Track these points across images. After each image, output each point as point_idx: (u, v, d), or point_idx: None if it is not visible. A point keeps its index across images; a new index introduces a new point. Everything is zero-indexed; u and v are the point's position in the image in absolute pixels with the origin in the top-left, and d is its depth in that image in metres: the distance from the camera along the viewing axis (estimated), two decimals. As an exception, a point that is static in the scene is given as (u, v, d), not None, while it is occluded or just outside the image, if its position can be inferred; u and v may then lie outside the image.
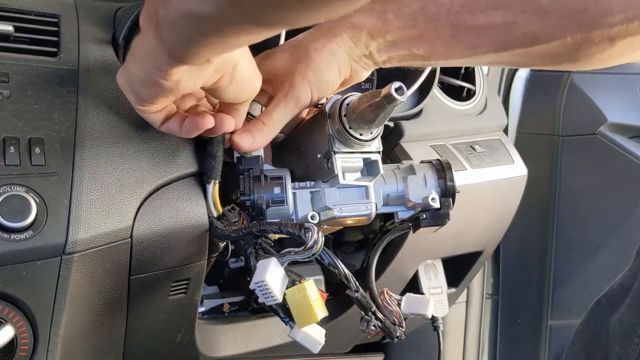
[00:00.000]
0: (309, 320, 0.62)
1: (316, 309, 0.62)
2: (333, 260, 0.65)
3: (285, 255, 0.64)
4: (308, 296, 0.62)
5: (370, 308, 0.71)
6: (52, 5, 0.76)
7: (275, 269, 0.62)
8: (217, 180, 0.71)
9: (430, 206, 0.74)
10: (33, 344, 0.63)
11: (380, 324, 0.72)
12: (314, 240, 0.62)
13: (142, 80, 0.59)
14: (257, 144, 0.70)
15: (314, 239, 0.62)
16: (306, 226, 0.63)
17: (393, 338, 0.73)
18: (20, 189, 0.60)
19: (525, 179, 1.14)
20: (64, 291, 0.63)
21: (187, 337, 0.85)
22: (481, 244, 1.16)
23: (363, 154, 0.72)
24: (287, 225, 0.64)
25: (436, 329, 1.06)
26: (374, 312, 0.71)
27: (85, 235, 0.62)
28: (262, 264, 0.62)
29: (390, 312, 0.75)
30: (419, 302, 0.76)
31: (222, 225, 0.70)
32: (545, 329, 1.56)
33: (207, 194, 0.71)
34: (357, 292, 0.69)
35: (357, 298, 0.69)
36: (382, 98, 0.62)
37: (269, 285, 0.60)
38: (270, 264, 0.62)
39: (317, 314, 0.62)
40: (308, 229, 0.63)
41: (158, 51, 0.53)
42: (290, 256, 0.63)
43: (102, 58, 0.74)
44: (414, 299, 0.76)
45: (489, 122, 1.15)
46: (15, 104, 0.65)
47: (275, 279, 0.61)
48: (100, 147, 0.66)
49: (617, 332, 0.71)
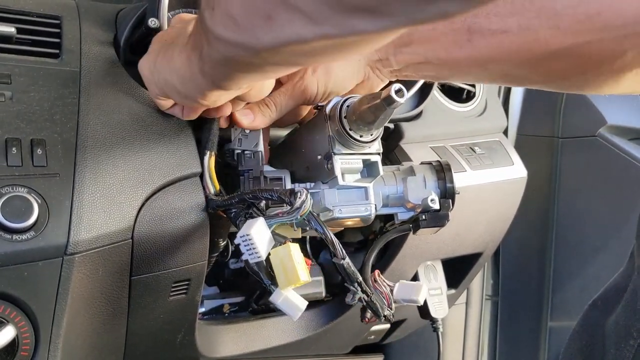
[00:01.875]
0: (292, 281, 0.62)
1: (299, 270, 0.61)
2: (320, 225, 0.64)
3: (273, 217, 0.63)
4: (292, 256, 0.61)
5: (356, 278, 0.69)
6: (54, 7, 0.76)
7: (262, 227, 0.61)
8: (213, 151, 0.72)
9: (430, 207, 0.75)
10: (34, 344, 0.63)
11: (366, 297, 0.71)
12: (301, 201, 0.61)
13: (179, 92, 0.62)
14: (256, 123, 0.72)
15: (301, 200, 0.62)
16: (296, 190, 0.63)
17: (380, 316, 0.72)
18: (22, 190, 0.60)
19: (525, 180, 1.14)
20: (65, 292, 0.63)
21: (188, 337, 0.85)
22: (481, 245, 1.16)
23: (363, 155, 0.72)
24: (278, 191, 0.64)
25: (436, 330, 1.06)
26: (360, 284, 0.70)
27: (87, 236, 0.62)
28: (249, 222, 0.62)
29: (381, 293, 0.74)
30: (411, 288, 0.75)
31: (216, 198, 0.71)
32: (545, 330, 1.56)
33: (204, 167, 0.71)
34: (344, 260, 0.67)
35: (344, 266, 0.67)
36: (382, 100, 0.63)
37: (254, 240, 0.60)
38: (258, 221, 0.61)
39: (300, 275, 0.61)
40: (297, 193, 0.62)
41: (199, 79, 0.57)
42: (278, 218, 0.63)
43: (104, 59, 0.74)
44: (407, 285, 0.76)
45: (488, 124, 1.15)
46: (17, 105, 0.65)
47: (261, 236, 0.60)
48: (101, 148, 0.67)
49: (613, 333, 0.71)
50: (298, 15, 0.38)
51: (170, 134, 0.72)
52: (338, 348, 1.21)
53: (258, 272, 0.64)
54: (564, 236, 1.52)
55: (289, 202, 0.63)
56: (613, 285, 0.75)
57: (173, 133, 0.72)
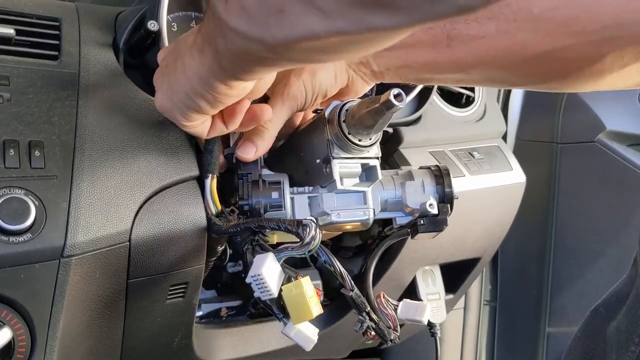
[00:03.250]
0: (305, 317, 0.62)
1: (312, 305, 0.61)
2: (329, 257, 0.65)
3: (282, 251, 0.63)
4: (304, 292, 0.61)
5: (364, 308, 0.71)
6: (53, 9, 0.76)
7: (272, 263, 0.61)
8: (215, 174, 0.71)
9: (428, 212, 0.75)
10: (30, 346, 0.63)
11: (374, 325, 0.71)
12: (311, 237, 0.62)
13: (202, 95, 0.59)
14: (260, 151, 0.71)
15: (311, 235, 0.62)
16: (304, 223, 0.63)
17: (387, 341, 0.73)
18: (20, 192, 0.60)
19: (524, 186, 1.14)
20: (62, 294, 0.63)
21: (185, 341, 0.85)
22: (479, 250, 1.16)
23: (361, 159, 0.72)
24: (285, 222, 0.64)
25: (434, 335, 1.06)
26: (368, 313, 0.71)
27: (84, 239, 0.62)
28: (259, 258, 0.62)
29: (386, 315, 0.75)
30: (415, 308, 0.76)
31: (220, 222, 0.71)
32: (543, 336, 1.55)
33: (205, 189, 0.71)
34: (352, 291, 0.68)
35: (352, 297, 0.69)
36: (381, 104, 0.62)
37: (265, 279, 0.60)
38: (268, 258, 0.61)
39: (312, 310, 0.61)
40: (306, 226, 0.63)
41: (219, 73, 0.55)
42: (287, 252, 0.63)
43: (102, 62, 0.74)
44: (411, 305, 0.76)
45: (487, 129, 1.15)
46: (15, 107, 0.65)
47: (271, 274, 0.61)
48: (99, 150, 0.67)
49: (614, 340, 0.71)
50: (311, 9, 0.38)
51: (169, 137, 0.72)
52: (336, 352, 1.21)
53: (270, 305, 0.64)
54: (563, 242, 1.52)
55: (295, 233, 0.63)
56: (615, 292, 0.75)
57: (171, 136, 0.72)
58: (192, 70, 0.58)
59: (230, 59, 0.52)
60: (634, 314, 0.69)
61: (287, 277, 0.63)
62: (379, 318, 0.73)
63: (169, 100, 0.63)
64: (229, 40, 0.48)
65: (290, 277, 0.64)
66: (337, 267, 0.66)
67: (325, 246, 0.65)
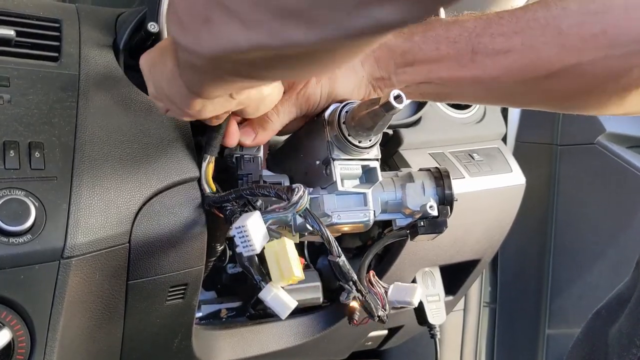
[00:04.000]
0: (286, 276, 0.61)
1: (294, 266, 0.60)
2: (316, 222, 0.64)
3: (269, 212, 0.62)
4: (287, 250, 0.60)
5: (351, 277, 0.68)
6: (54, 11, 0.76)
7: (257, 220, 0.60)
8: (213, 155, 0.72)
9: (428, 214, 0.75)
10: (30, 347, 0.63)
11: (361, 297, 0.70)
12: (299, 196, 0.61)
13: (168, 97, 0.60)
14: (258, 139, 0.71)
15: (299, 195, 0.61)
16: (293, 187, 0.62)
17: (374, 317, 0.71)
18: (20, 193, 0.60)
19: (523, 187, 1.14)
20: (62, 295, 0.63)
21: (184, 342, 0.85)
22: (479, 252, 1.16)
23: (362, 161, 0.72)
24: (275, 187, 0.64)
25: (433, 336, 1.06)
26: (355, 282, 0.69)
27: (84, 240, 0.62)
28: (245, 215, 0.61)
29: (375, 294, 0.74)
30: (405, 290, 0.75)
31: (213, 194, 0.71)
32: (543, 337, 1.55)
33: (202, 170, 0.71)
34: (339, 257, 0.66)
35: (339, 264, 0.67)
36: (381, 106, 0.62)
37: (249, 232, 0.59)
38: (254, 214, 0.61)
39: (294, 270, 0.60)
40: (295, 189, 0.62)
41: (179, 84, 0.55)
42: (274, 213, 0.62)
43: (103, 63, 0.74)
44: (401, 287, 0.75)
45: (487, 131, 1.15)
46: (15, 108, 0.65)
47: (256, 229, 0.60)
48: (99, 152, 0.67)
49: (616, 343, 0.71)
50: (233, 20, 0.37)
51: (169, 138, 0.72)
52: (335, 354, 1.21)
53: (249, 267, 0.63)
54: (562, 243, 1.52)
55: (286, 198, 0.62)
56: (617, 295, 0.75)
57: (171, 137, 0.72)
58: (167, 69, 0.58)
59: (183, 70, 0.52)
60: (636, 317, 0.69)
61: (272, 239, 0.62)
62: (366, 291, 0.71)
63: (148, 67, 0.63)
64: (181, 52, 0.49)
65: (275, 238, 0.63)
66: (324, 232, 0.64)
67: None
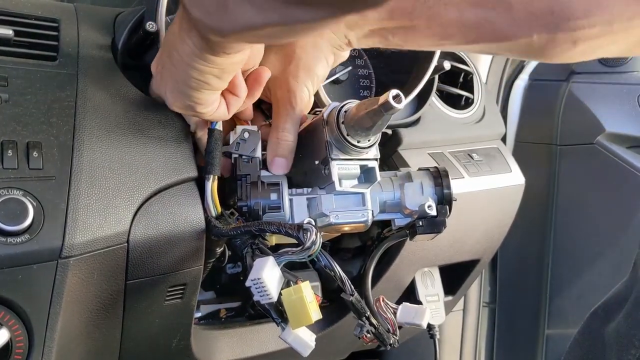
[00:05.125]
0: (303, 322, 0.62)
1: (311, 310, 0.61)
2: (329, 262, 0.64)
3: (282, 255, 0.63)
4: (304, 297, 0.61)
5: (364, 313, 0.70)
6: (52, 10, 0.76)
7: (272, 267, 0.61)
8: (216, 175, 0.71)
9: (427, 213, 0.75)
10: (28, 347, 0.63)
11: (374, 330, 0.71)
12: (311, 241, 0.62)
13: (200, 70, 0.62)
14: (290, 162, 0.74)
15: (311, 240, 0.62)
16: (304, 227, 0.63)
17: (386, 345, 0.73)
18: (18, 193, 0.60)
19: (523, 187, 1.14)
20: (60, 295, 0.63)
21: (183, 342, 0.85)
22: (478, 252, 1.15)
23: (360, 161, 0.72)
24: (285, 225, 0.64)
25: (433, 337, 1.06)
26: (368, 317, 0.71)
27: (82, 240, 0.62)
28: (259, 262, 0.62)
29: (385, 319, 0.74)
30: (414, 312, 0.76)
31: (220, 225, 0.70)
32: (542, 337, 1.55)
33: (206, 190, 0.71)
34: (352, 296, 0.68)
35: (352, 302, 0.69)
36: (380, 106, 0.62)
37: (265, 283, 0.60)
38: (268, 262, 0.61)
39: (311, 315, 0.61)
40: (306, 230, 0.62)
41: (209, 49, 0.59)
42: (287, 256, 0.63)
43: (101, 63, 0.74)
44: (410, 309, 0.76)
45: (487, 131, 1.15)
46: (14, 107, 0.65)
47: (271, 278, 0.60)
48: (98, 151, 0.66)
49: (614, 342, 0.71)
50: (248, 6, 0.47)
51: (167, 138, 0.72)
52: (335, 354, 1.21)
53: (269, 310, 0.64)
54: (562, 243, 1.52)
55: (295, 237, 0.63)
56: (614, 294, 0.75)
57: (170, 137, 0.72)
58: (187, 53, 0.60)
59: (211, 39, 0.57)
60: (634, 317, 0.69)
61: (287, 281, 0.63)
62: (378, 322, 0.73)
63: (180, 93, 0.65)
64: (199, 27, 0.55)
65: (290, 281, 0.63)
66: (337, 272, 0.65)
67: (324, 248, 0.65)
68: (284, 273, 0.63)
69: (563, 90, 1.47)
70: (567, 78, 1.47)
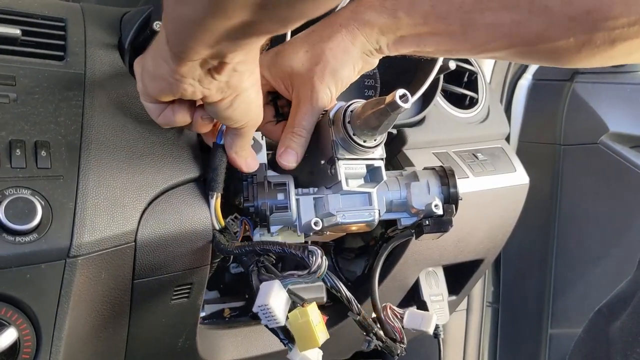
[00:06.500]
0: (310, 345, 0.62)
1: (318, 333, 0.62)
2: (336, 283, 0.65)
3: (288, 277, 0.63)
4: (310, 321, 0.61)
5: (371, 330, 0.71)
6: (59, 10, 0.76)
7: (278, 292, 0.61)
8: (219, 192, 0.72)
9: (433, 213, 0.75)
10: (36, 346, 0.63)
11: (382, 344, 0.72)
12: (317, 265, 0.61)
13: (150, 73, 0.61)
14: (300, 157, 0.73)
15: (317, 264, 0.61)
16: (310, 249, 0.62)
17: (394, 356, 0.73)
18: (26, 192, 0.60)
19: (527, 187, 1.14)
20: (68, 294, 0.63)
21: (189, 341, 0.85)
22: (482, 252, 1.16)
23: (366, 160, 0.72)
24: (290, 246, 0.64)
25: (436, 336, 1.05)
26: (375, 333, 0.71)
27: (90, 239, 0.62)
28: (264, 287, 0.62)
29: (392, 327, 0.75)
30: (421, 318, 0.77)
31: (225, 240, 0.71)
32: (545, 337, 1.55)
33: (210, 207, 0.71)
34: (359, 315, 0.69)
35: (359, 321, 0.69)
36: (386, 105, 0.62)
37: (272, 309, 0.60)
38: (274, 287, 0.61)
39: (318, 338, 0.62)
40: (312, 253, 0.62)
41: (165, 49, 0.56)
42: (293, 279, 0.63)
43: (108, 62, 0.74)
44: (417, 315, 0.77)
45: (491, 131, 1.15)
46: (21, 107, 0.65)
47: (278, 303, 0.61)
48: (106, 150, 0.67)
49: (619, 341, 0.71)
50: None
51: (174, 137, 0.72)
52: (339, 353, 1.21)
53: (276, 331, 0.64)
54: (565, 243, 1.52)
55: (300, 258, 0.63)
56: (619, 293, 0.75)
57: (177, 136, 0.72)
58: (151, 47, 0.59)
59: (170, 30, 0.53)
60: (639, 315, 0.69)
61: (293, 302, 0.64)
62: (385, 331, 0.73)
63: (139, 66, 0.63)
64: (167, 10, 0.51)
65: (296, 302, 0.64)
66: (343, 293, 0.66)
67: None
68: (290, 295, 0.63)
69: (567, 90, 1.47)
70: (571, 78, 1.47)
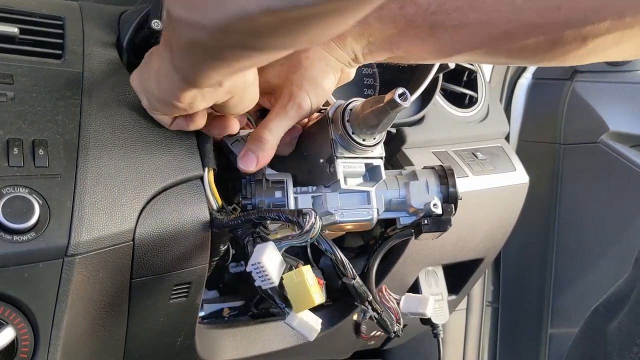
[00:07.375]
0: (306, 305, 0.62)
1: (313, 293, 0.61)
2: (330, 246, 0.64)
3: (283, 240, 0.63)
4: (305, 280, 0.61)
5: (367, 297, 0.70)
6: (57, 8, 0.76)
7: (272, 252, 0.61)
8: (211, 167, 0.71)
9: (432, 212, 0.74)
10: (34, 346, 0.63)
11: (377, 315, 0.71)
12: (310, 224, 0.61)
13: (158, 98, 0.63)
14: (261, 162, 0.71)
15: (310, 223, 0.61)
16: (304, 211, 0.62)
17: (390, 332, 0.72)
18: (24, 191, 0.60)
19: (527, 186, 1.14)
20: (66, 293, 0.63)
21: (187, 341, 0.85)
22: (482, 251, 1.15)
23: (365, 159, 0.72)
24: (285, 211, 0.64)
25: (436, 336, 1.06)
26: (371, 302, 0.70)
27: (88, 238, 0.62)
28: (259, 247, 0.62)
29: (389, 309, 0.74)
30: (417, 301, 0.76)
31: (222, 216, 0.70)
32: (545, 337, 1.55)
33: (204, 183, 0.71)
34: (354, 280, 0.67)
35: (354, 285, 0.68)
36: (386, 104, 0.62)
37: (265, 267, 0.60)
38: (268, 247, 0.61)
39: (314, 298, 0.61)
40: (306, 214, 0.62)
41: (173, 76, 0.56)
42: (287, 241, 0.63)
43: (106, 61, 0.74)
44: (413, 298, 0.76)
45: (490, 130, 1.15)
46: (19, 105, 0.65)
47: (272, 262, 0.60)
48: (103, 149, 0.66)
49: (616, 340, 0.71)
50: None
51: (173, 136, 0.72)
52: (338, 353, 1.21)
53: (272, 295, 0.64)
54: (565, 243, 1.52)
55: (296, 222, 0.63)
56: (616, 292, 0.75)
57: (175, 135, 0.72)
58: (154, 68, 0.60)
59: (180, 55, 0.53)
60: (636, 314, 0.68)
61: (288, 266, 0.63)
62: (381, 309, 0.72)
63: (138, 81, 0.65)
64: (176, 32, 0.50)
65: (292, 266, 0.63)
66: (338, 256, 0.65)
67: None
68: (285, 258, 0.63)
69: (567, 89, 1.47)
70: (571, 77, 1.47)
